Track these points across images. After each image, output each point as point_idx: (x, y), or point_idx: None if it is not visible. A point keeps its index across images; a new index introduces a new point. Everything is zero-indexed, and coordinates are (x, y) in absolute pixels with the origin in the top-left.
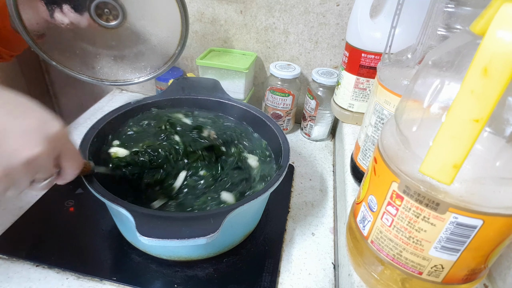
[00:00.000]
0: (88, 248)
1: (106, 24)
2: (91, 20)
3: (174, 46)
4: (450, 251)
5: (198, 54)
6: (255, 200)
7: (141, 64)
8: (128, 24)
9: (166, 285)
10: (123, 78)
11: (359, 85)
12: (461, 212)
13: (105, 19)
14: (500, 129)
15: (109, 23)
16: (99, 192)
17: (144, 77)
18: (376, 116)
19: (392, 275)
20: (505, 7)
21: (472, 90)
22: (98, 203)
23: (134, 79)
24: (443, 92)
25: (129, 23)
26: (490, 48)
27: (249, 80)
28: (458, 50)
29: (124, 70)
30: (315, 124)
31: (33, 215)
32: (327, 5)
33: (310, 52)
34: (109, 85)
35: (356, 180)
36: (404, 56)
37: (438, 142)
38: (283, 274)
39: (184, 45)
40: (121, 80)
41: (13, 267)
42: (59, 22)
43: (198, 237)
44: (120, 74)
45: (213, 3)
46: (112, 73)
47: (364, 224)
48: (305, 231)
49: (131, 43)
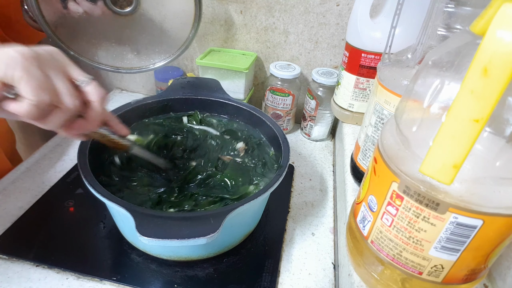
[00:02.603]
0: (88, 248)
1: (121, 11)
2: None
3: (188, 29)
4: (450, 251)
5: (198, 54)
6: (255, 200)
7: (155, 49)
8: (142, 10)
9: (166, 285)
10: (138, 65)
11: (359, 85)
12: (461, 212)
13: (119, 6)
14: (500, 129)
15: (123, 10)
16: (99, 192)
17: (159, 63)
18: (376, 116)
19: (392, 275)
20: (505, 7)
21: (472, 90)
22: (98, 203)
23: (149, 65)
24: (443, 92)
25: (143, 8)
26: (490, 48)
27: (249, 80)
28: (458, 50)
29: (139, 57)
30: (315, 124)
31: (33, 215)
32: (327, 5)
33: (310, 52)
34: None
35: (356, 180)
36: (404, 56)
37: (438, 142)
38: (283, 274)
39: (198, 27)
40: (136, 67)
41: (13, 267)
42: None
43: (198, 237)
44: (135, 61)
45: (213, 3)
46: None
47: (364, 224)
48: (305, 231)
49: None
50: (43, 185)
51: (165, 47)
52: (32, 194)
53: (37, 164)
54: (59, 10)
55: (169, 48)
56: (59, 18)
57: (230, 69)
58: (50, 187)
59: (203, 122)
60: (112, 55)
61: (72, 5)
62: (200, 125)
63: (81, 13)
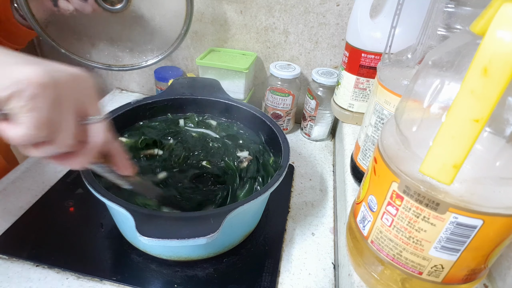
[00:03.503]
0: (88, 248)
1: (111, 8)
2: (96, 4)
3: (180, 26)
4: (450, 251)
5: (198, 54)
6: (255, 200)
7: (147, 47)
8: (133, 7)
9: (166, 285)
10: (131, 62)
11: (359, 85)
12: (461, 212)
13: (109, 3)
14: (500, 129)
15: (114, 7)
16: (99, 192)
17: (152, 60)
18: (376, 116)
19: (392, 275)
20: (505, 7)
21: (472, 90)
22: (98, 203)
23: (142, 62)
24: (443, 92)
25: (134, 5)
26: (490, 48)
27: (249, 80)
28: (458, 50)
29: (131, 54)
30: (315, 124)
31: (33, 215)
32: (327, 5)
33: (310, 52)
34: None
35: (356, 180)
36: (404, 56)
37: (438, 142)
38: (283, 274)
39: (190, 24)
40: (129, 65)
41: (13, 267)
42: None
43: (198, 237)
44: (127, 58)
45: (213, 3)
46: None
47: (364, 224)
48: (305, 231)
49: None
50: (43, 185)
51: (158, 44)
52: (32, 194)
53: (37, 164)
54: (49, 8)
55: (162, 45)
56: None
57: (230, 69)
58: (50, 187)
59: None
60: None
61: (62, 3)
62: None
63: (71, 11)
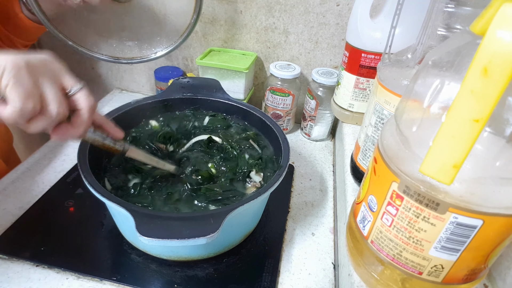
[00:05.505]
0: (88, 248)
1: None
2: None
3: (189, 16)
4: (450, 251)
5: (198, 54)
6: (255, 200)
7: (156, 38)
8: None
9: (166, 285)
10: (140, 54)
11: (359, 85)
12: (461, 212)
13: None
14: (500, 129)
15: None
16: (99, 192)
17: (161, 52)
18: (376, 116)
19: (392, 275)
20: (505, 7)
21: (472, 90)
22: (98, 203)
23: (150, 54)
24: (443, 92)
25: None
26: (490, 48)
27: (249, 80)
28: (458, 50)
29: (140, 46)
30: (315, 124)
31: (33, 215)
32: (327, 5)
33: (310, 52)
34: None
35: (356, 180)
36: (404, 56)
37: (438, 142)
38: (283, 274)
39: (199, 13)
40: (138, 57)
41: (13, 267)
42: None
43: (198, 237)
44: (136, 51)
45: (213, 3)
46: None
47: (364, 224)
48: (305, 231)
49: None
50: (43, 185)
51: (167, 35)
52: (32, 194)
53: (37, 164)
54: (56, 0)
55: (171, 35)
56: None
57: (230, 69)
58: (50, 187)
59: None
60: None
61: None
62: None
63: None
